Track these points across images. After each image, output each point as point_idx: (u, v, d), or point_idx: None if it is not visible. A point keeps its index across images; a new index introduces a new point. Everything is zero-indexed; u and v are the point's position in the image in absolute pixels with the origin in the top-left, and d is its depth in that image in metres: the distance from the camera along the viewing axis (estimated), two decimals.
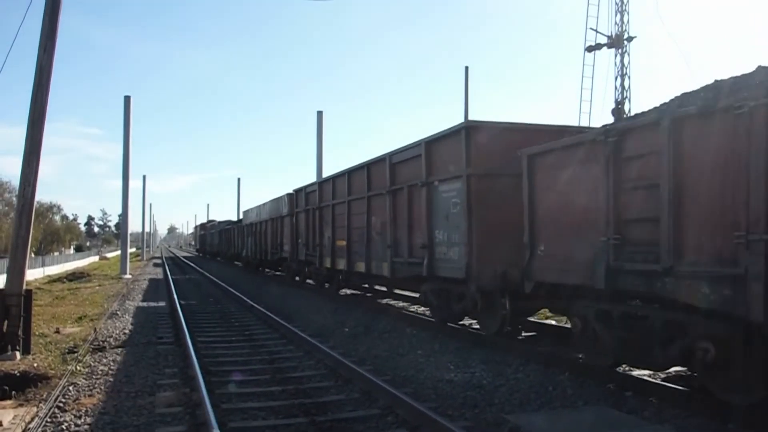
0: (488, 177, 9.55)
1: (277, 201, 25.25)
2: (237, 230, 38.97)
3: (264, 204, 28.61)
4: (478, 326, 10.84)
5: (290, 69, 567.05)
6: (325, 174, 30.26)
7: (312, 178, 34.55)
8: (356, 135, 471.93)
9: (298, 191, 21.42)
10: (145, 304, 17.40)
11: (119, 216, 60.32)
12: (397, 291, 16.79)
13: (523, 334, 10.46)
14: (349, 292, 18.66)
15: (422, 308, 13.97)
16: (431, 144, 11.03)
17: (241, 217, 48.89)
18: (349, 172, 15.47)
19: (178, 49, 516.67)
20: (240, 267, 37.97)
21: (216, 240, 54.45)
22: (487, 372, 8.03)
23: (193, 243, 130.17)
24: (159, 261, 54.05)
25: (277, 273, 28.88)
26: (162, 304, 17.33)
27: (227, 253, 44.86)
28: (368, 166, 14.12)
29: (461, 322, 11.47)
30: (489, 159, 9.56)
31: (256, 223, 30.15)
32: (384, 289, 17.44)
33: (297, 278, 22.63)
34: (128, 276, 31.89)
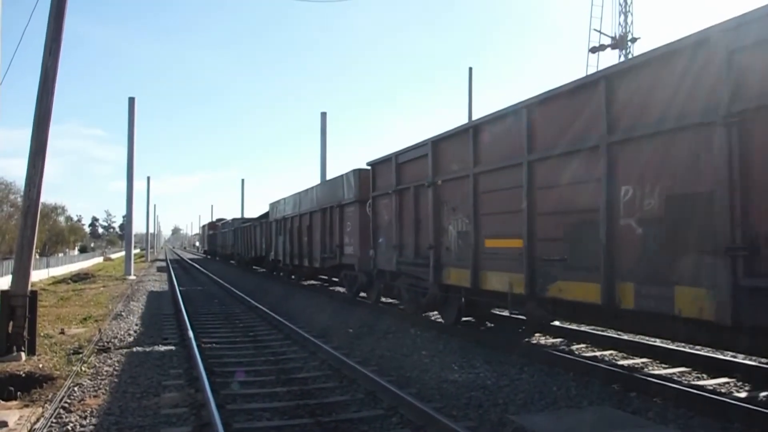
0: None
1: (332, 184, 18.40)
2: (261, 228, 31.21)
3: (308, 190, 21.26)
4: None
5: (294, 71, 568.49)
6: (330, 175, 29.88)
7: (316, 179, 34.44)
8: (360, 138, 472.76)
9: (377, 164, 14.04)
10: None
11: (123, 217, 60.49)
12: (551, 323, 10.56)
13: None
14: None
15: None
16: None
17: (250, 214, 45.42)
18: (528, 107, 8.44)
19: (182, 51, 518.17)
20: (261, 273, 32.35)
21: (230, 240, 46.51)
22: (491, 372, 8.03)
23: (197, 244, 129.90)
24: (163, 264, 47.12)
25: (314, 283, 23.87)
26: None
27: (245, 256, 37.23)
28: (607, 79, 7.05)
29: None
30: None
31: (293, 218, 22.91)
32: (504, 313, 11.03)
33: (363, 295, 16.41)
34: (132, 277, 32.00)
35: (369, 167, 14.61)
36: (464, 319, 11.48)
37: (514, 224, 8.68)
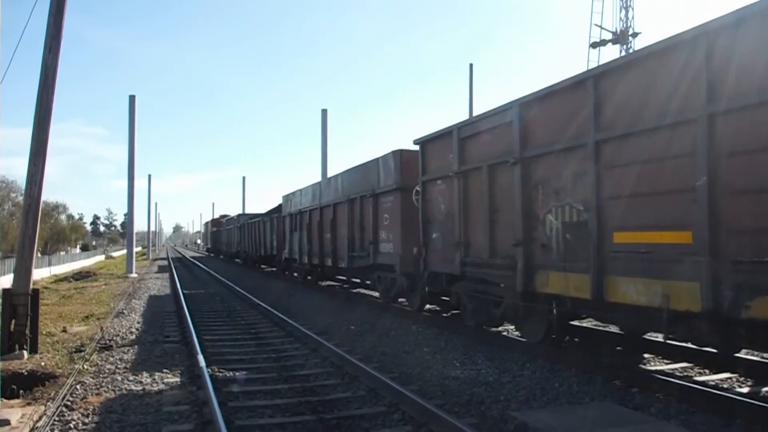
0: None
1: (363, 170, 15.50)
2: (271, 223, 28.69)
3: (330, 179, 18.96)
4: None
5: (295, 70, 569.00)
6: (331, 173, 29.63)
7: (317, 178, 34.43)
8: (361, 138, 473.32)
9: (428, 141, 11.44)
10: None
11: (125, 215, 60.24)
12: None
13: None
14: None
15: None
16: None
17: (251, 212, 43.53)
18: (710, 33, 5.87)
19: (183, 50, 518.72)
20: (269, 273, 30.28)
21: (235, 237, 43.75)
22: (493, 369, 8.04)
23: (199, 242, 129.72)
24: (165, 263, 46.24)
25: (331, 284, 21.16)
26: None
27: (253, 255, 34.94)
28: None
29: None
30: None
31: (312, 211, 20.22)
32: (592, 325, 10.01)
33: (402, 301, 14.20)
34: (134, 275, 32.03)
35: (416, 146, 11.95)
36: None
37: (673, 209, 6.22)
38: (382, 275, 14.50)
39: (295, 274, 24.70)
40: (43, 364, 8.74)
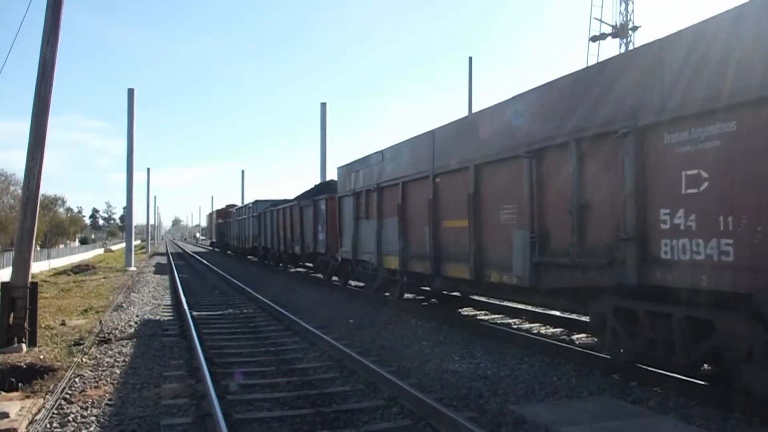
0: None
1: (599, 74, 7.11)
2: (315, 209, 20.25)
3: (469, 119, 11.25)
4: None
5: (294, 61, 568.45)
6: (331, 167, 29.32)
7: (316, 172, 34.17)
8: (360, 127, 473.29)
9: None
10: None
11: (124, 209, 60.02)
12: None
13: None
14: None
15: None
16: None
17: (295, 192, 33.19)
18: None
19: (182, 41, 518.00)
20: (311, 279, 22.03)
21: (250, 230, 35.26)
22: (491, 362, 8.04)
23: (199, 235, 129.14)
24: (164, 259, 40.10)
25: (408, 296, 14.31)
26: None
27: (279, 252, 26.66)
28: None
29: None
30: None
31: (407, 183, 12.45)
32: None
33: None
34: (133, 268, 32.04)
35: None
36: None
37: None
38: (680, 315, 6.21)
39: (356, 283, 17.44)
40: (41, 357, 8.74)
